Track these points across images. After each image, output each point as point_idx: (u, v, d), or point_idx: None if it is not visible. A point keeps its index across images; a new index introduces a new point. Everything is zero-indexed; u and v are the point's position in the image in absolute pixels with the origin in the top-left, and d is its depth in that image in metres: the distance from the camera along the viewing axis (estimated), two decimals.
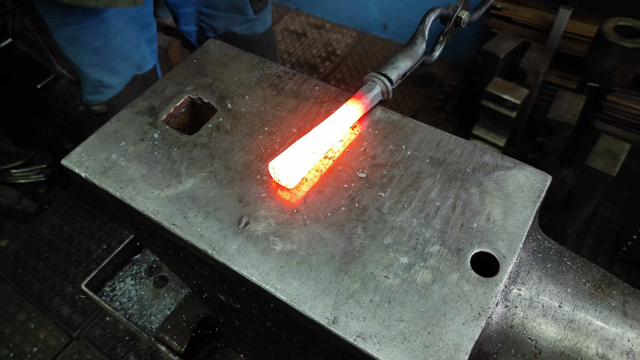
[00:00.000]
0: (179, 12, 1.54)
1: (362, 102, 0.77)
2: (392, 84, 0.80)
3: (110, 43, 1.31)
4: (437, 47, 0.87)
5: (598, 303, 0.60)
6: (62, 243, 2.44)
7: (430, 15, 0.83)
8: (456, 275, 0.62)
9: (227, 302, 0.84)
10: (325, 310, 0.61)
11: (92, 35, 1.27)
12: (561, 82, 2.53)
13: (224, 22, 1.57)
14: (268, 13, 1.69)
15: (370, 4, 3.18)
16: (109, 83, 1.38)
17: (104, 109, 1.43)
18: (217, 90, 0.86)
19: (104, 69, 1.35)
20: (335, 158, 0.76)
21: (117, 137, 0.80)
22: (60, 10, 1.19)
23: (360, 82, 3.08)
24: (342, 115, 0.76)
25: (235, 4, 1.53)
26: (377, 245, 0.66)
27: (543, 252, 0.66)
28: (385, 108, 0.81)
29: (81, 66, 1.33)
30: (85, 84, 1.38)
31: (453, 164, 0.74)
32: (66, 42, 1.27)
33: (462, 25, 0.86)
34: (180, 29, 1.61)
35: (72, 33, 1.25)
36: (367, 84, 0.81)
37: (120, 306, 1.26)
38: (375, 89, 0.79)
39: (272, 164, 0.71)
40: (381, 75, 0.80)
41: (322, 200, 0.71)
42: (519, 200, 0.68)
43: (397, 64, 0.81)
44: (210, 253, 0.67)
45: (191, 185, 0.74)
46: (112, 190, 0.73)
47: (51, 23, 1.23)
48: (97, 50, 1.30)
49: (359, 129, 0.79)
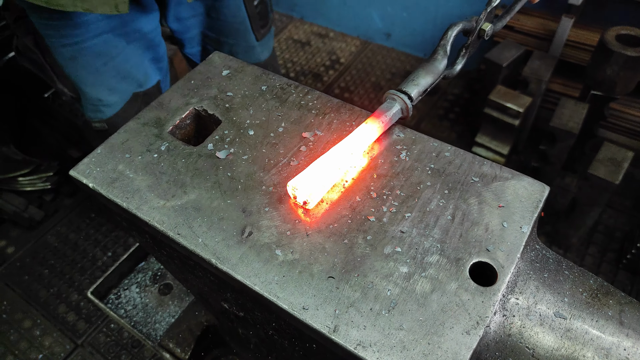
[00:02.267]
0: (184, 38, 1.56)
1: (382, 121, 0.77)
2: (413, 102, 0.78)
3: (111, 63, 1.32)
4: (459, 60, 0.85)
5: (595, 312, 0.61)
6: (67, 250, 2.46)
7: (452, 30, 0.81)
8: (455, 284, 0.63)
9: (230, 310, 0.85)
10: (326, 319, 0.62)
11: (93, 56, 1.28)
12: (564, 90, 2.54)
13: (227, 48, 1.58)
14: (271, 39, 1.69)
15: (374, 13, 3.21)
16: (108, 102, 1.39)
17: (104, 126, 1.43)
18: (221, 102, 0.87)
19: (103, 88, 1.36)
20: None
21: (124, 148, 0.82)
22: (60, 30, 1.20)
23: (364, 90, 3.11)
24: (362, 134, 0.75)
25: (238, 29, 1.54)
26: (377, 255, 0.67)
27: (541, 261, 0.67)
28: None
29: (81, 85, 1.34)
30: (86, 102, 1.39)
31: (452, 174, 0.75)
32: (67, 62, 1.28)
33: (486, 38, 0.84)
34: (185, 53, 1.62)
35: (72, 53, 1.26)
36: (386, 101, 0.80)
37: (126, 314, 1.27)
38: (395, 107, 0.78)
39: (293, 183, 0.71)
40: (401, 92, 0.78)
41: (324, 210, 0.72)
42: (517, 211, 0.69)
43: (417, 81, 0.79)
44: (214, 262, 0.68)
45: (196, 195, 0.75)
46: (119, 200, 0.75)
47: (51, 43, 1.24)
48: (97, 70, 1.31)
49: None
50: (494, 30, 0.85)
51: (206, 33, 1.56)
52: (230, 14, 1.51)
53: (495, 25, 0.84)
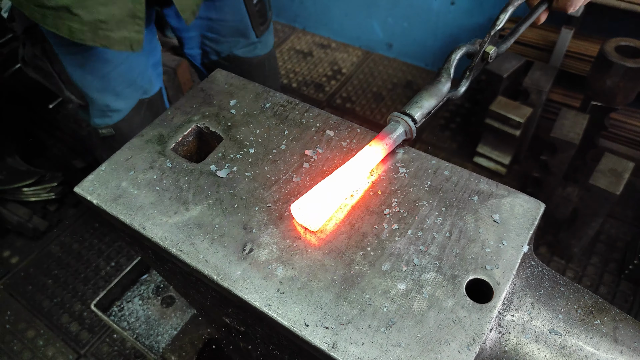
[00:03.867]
0: (183, 37, 1.59)
1: (385, 143, 0.78)
2: (416, 124, 0.79)
3: (117, 69, 1.35)
4: (462, 82, 0.85)
5: (589, 329, 0.62)
6: (71, 260, 2.48)
7: (456, 53, 0.82)
8: (451, 301, 0.65)
9: (232, 325, 0.86)
10: (325, 336, 0.63)
11: (100, 62, 1.32)
12: (565, 100, 2.56)
13: (227, 46, 1.62)
14: (270, 36, 1.73)
15: (375, 24, 3.24)
16: (115, 107, 1.43)
17: (111, 131, 1.47)
18: (223, 120, 0.89)
19: (110, 94, 1.40)
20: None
21: (128, 166, 0.83)
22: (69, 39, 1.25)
23: (366, 100, 3.13)
24: (366, 157, 0.76)
25: (238, 28, 1.58)
26: (375, 272, 0.68)
27: (536, 278, 0.68)
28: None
29: (89, 92, 1.38)
30: (93, 109, 1.43)
31: (449, 191, 0.76)
32: (74, 69, 1.32)
33: (490, 61, 0.85)
34: (184, 52, 1.66)
35: (80, 61, 1.30)
36: (390, 123, 0.80)
37: (128, 326, 1.28)
38: (399, 130, 0.79)
39: (297, 205, 0.72)
40: (405, 115, 0.79)
41: (323, 227, 0.74)
42: (513, 228, 0.71)
43: (421, 103, 0.80)
44: (215, 279, 0.70)
45: (198, 212, 0.77)
46: (123, 217, 0.77)
47: (60, 51, 1.28)
48: (104, 77, 1.35)
49: None
50: (498, 53, 0.85)
51: (206, 34, 1.59)
52: (230, 14, 1.54)
53: (499, 48, 0.85)
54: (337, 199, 0.74)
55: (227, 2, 1.50)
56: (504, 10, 0.81)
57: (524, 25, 0.90)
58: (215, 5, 1.50)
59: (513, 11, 0.82)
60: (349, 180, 0.75)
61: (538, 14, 0.91)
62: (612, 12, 2.26)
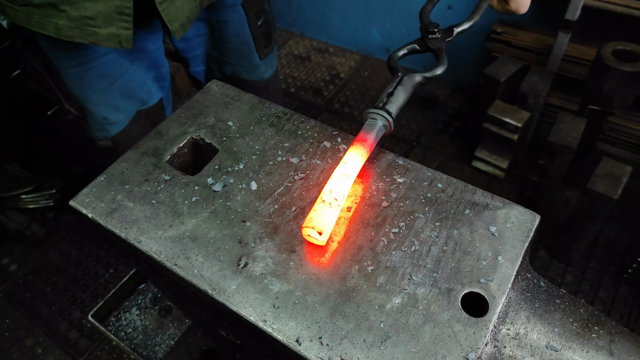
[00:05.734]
0: (188, 57, 1.59)
1: (367, 143, 0.78)
2: (392, 116, 0.79)
3: (116, 83, 1.35)
4: (440, 62, 0.89)
5: (585, 343, 0.62)
6: (70, 267, 2.47)
7: (395, 54, 0.92)
8: (447, 315, 0.64)
9: (228, 338, 0.86)
10: (320, 351, 0.63)
11: (99, 76, 1.32)
12: (562, 104, 2.56)
13: (230, 67, 1.61)
14: (274, 58, 1.72)
15: (373, 28, 3.24)
16: (114, 120, 1.42)
17: (109, 144, 1.47)
18: (218, 131, 0.89)
19: (109, 107, 1.39)
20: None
21: (123, 179, 0.83)
22: (68, 52, 1.24)
23: (364, 104, 3.13)
24: (353, 159, 0.76)
25: (242, 50, 1.57)
26: (370, 286, 0.68)
27: (532, 291, 0.68)
28: (381, 148, 0.84)
29: (88, 105, 1.37)
30: (92, 121, 1.43)
31: (445, 203, 0.76)
32: (74, 82, 1.32)
33: (452, 36, 0.93)
34: (190, 71, 1.65)
35: (79, 74, 1.30)
36: (367, 121, 0.81)
37: (126, 336, 1.28)
38: (378, 125, 0.79)
39: (307, 225, 0.72)
40: (380, 109, 0.79)
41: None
42: (508, 240, 0.70)
43: (394, 95, 0.81)
44: (210, 293, 0.69)
45: (193, 225, 0.77)
46: (118, 231, 0.77)
47: (59, 65, 1.28)
48: (103, 90, 1.35)
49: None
50: (463, 29, 0.93)
51: (210, 52, 1.59)
52: (234, 35, 1.53)
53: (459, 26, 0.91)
54: (336, 208, 0.73)
55: (230, 24, 1.50)
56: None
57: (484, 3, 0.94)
58: (219, 26, 1.50)
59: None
60: (344, 185, 0.74)
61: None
62: (609, 16, 2.26)
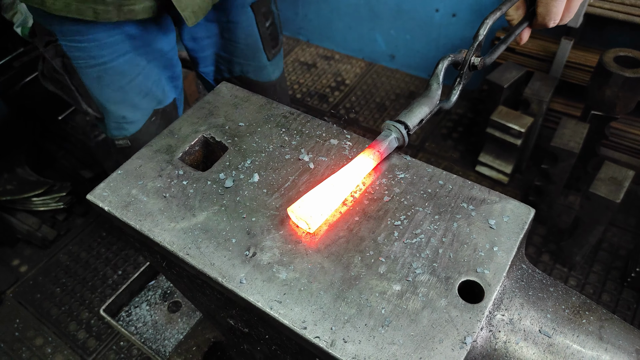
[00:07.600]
0: (198, 57, 1.64)
1: (377, 151, 0.82)
2: (409, 131, 0.83)
3: (134, 81, 1.41)
4: (453, 92, 0.89)
5: (576, 328, 0.65)
6: (79, 269, 2.52)
7: (442, 63, 0.86)
8: (444, 301, 0.68)
9: (236, 327, 0.90)
10: (324, 334, 0.66)
11: (117, 75, 1.37)
12: (565, 109, 2.59)
13: (239, 67, 1.66)
14: (281, 60, 1.77)
15: (378, 36, 3.30)
16: (131, 119, 1.47)
17: (127, 143, 1.52)
18: (228, 130, 0.93)
19: (127, 106, 1.45)
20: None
21: (138, 174, 0.87)
22: (87, 52, 1.30)
23: (369, 110, 3.17)
24: (361, 162, 0.81)
25: (250, 50, 1.62)
26: (372, 274, 0.72)
27: (526, 280, 0.71)
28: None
29: (106, 104, 1.43)
30: (110, 121, 1.48)
31: (443, 197, 0.80)
32: (92, 82, 1.37)
33: (478, 69, 0.89)
34: (199, 71, 1.70)
35: (98, 73, 1.35)
36: (384, 131, 0.85)
37: (136, 330, 1.32)
38: (391, 137, 0.83)
39: (293, 208, 0.76)
40: (398, 122, 0.83)
41: (323, 231, 0.77)
42: (504, 232, 0.74)
43: (414, 111, 0.84)
44: (220, 281, 0.73)
45: (204, 218, 0.81)
46: (133, 222, 0.81)
47: (79, 65, 1.33)
48: (121, 89, 1.40)
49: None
50: (485, 63, 0.89)
51: (219, 53, 1.64)
52: (243, 36, 1.59)
53: (485, 59, 0.89)
54: (331, 201, 0.77)
55: (239, 24, 1.55)
56: (482, 25, 0.85)
57: (506, 44, 0.94)
58: (228, 26, 1.55)
59: (492, 24, 0.86)
60: (343, 184, 0.79)
61: (519, 32, 0.95)
62: (611, 23, 2.30)
